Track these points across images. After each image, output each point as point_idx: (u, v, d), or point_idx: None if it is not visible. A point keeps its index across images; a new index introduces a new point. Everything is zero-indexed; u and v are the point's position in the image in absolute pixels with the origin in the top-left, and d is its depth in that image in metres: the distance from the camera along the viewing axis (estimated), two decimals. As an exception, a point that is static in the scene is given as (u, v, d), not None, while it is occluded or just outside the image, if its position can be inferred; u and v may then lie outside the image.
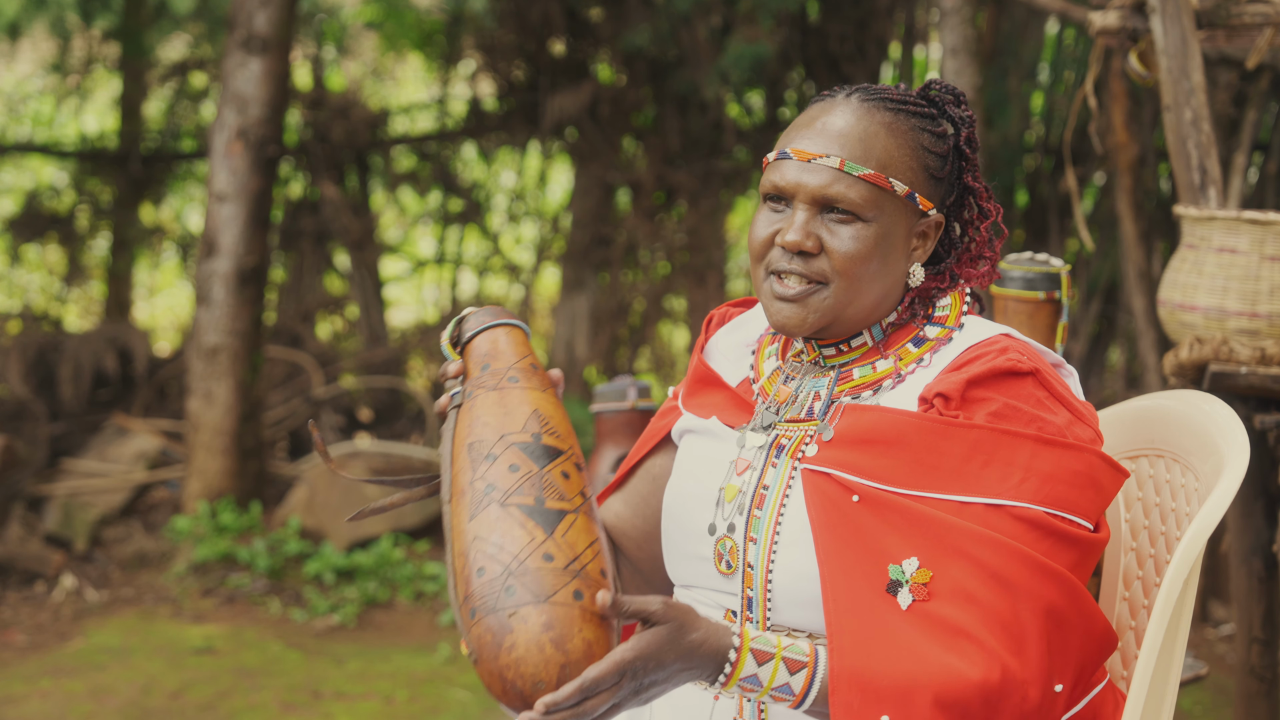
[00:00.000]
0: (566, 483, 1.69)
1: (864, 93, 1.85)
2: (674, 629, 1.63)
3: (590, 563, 1.65)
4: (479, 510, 1.66)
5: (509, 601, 1.60)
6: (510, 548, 1.63)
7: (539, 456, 1.70)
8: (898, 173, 1.81)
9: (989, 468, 1.73)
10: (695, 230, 6.83)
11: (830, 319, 1.83)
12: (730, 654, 1.66)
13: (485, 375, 1.77)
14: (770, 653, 1.68)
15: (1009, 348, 1.79)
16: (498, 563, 1.62)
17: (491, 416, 1.73)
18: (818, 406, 1.85)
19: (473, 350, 1.80)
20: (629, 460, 2.06)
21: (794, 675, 1.68)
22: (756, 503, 1.82)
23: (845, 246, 1.79)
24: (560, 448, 1.72)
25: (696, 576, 1.89)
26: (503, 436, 1.71)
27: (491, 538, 1.64)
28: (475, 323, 1.82)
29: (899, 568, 1.71)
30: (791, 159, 1.82)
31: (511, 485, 1.67)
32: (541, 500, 1.66)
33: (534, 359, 1.80)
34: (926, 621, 1.68)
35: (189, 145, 7.42)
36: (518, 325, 1.82)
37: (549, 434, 1.72)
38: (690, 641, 1.64)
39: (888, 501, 1.73)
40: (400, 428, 6.64)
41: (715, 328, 2.07)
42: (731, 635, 1.67)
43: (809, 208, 1.81)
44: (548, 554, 1.63)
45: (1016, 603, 1.68)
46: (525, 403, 1.74)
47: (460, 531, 1.67)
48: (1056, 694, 1.71)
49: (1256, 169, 5.44)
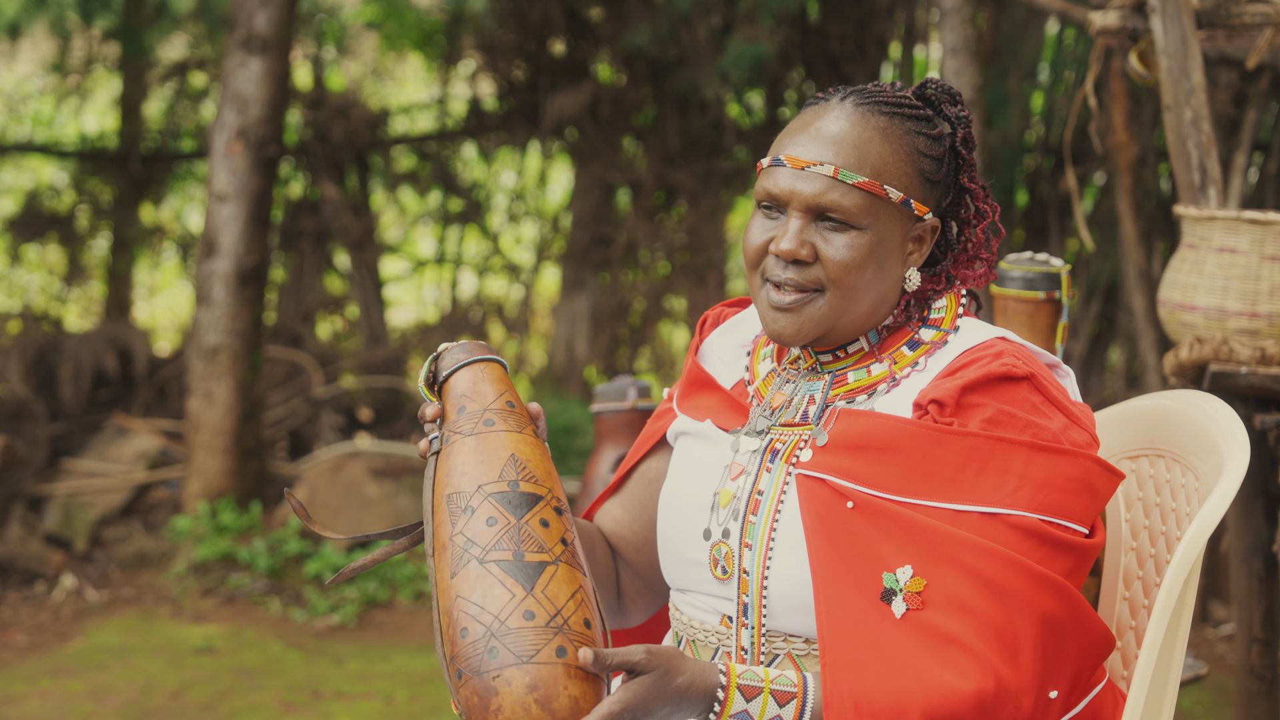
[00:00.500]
0: (545, 531, 1.69)
1: (858, 96, 1.83)
2: (659, 676, 1.63)
3: (573, 615, 1.64)
4: (459, 567, 1.66)
5: (492, 664, 1.60)
6: (491, 607, 1.63)
7: (516, 506, 1.69)
8: (892, 179, 1.79)
9: (983, 475, 1.72)
10: (695, 230, 6.83)
11: (826, 328, 1.82)
12: (718, 693, 1.66)
13: (462, 419, 1.75)
14: (758, 687, 1.68)
15: (1004, 352, 1.78)
16: (480, 623, 1.62)
17: (468, 465, 1.72)
18: (812, 410, 1.84)
19: (449, 391, 1.79)
20: (625, 464, 2.05)
21: (784, 707, 1.68)
22: (751, 508, 1.82)
23: (840, 255, 1.78)
24: (539, 493, 1.71)
25: (692, 581, 1.89)
26: (480, 487, 1.70)
27: (472, 597, 1.64)
28: (450, 361, 1.80)
29: (893, 576, 1.70)
30: (785, 166, 1.80)
31: (490, 540, 1.66)
32: (520, 554, 1.66)
33: (511, 395, 1.79)
34: (920, 630, 1.68)
35: (189, 145, 7.43)
36: (494, 360, 1.81)
37: (526, 480, 1.71)
38: (677, 686, 1.64)
39: (882, 509, 1.73)
40: (400, 427, 6.64)
41: (710, 329, 2.05)
42: (718, 674, 1.67)
43: (803, 216, 1.79)
44: (528, 611, 1.62)
45: (1011, 611, 1.68)
46: (502, 448, 1.73)
47: (444, 589, 1.67)
48: (1051, 700, 1.70)
49: (1256, 169, 5.44)
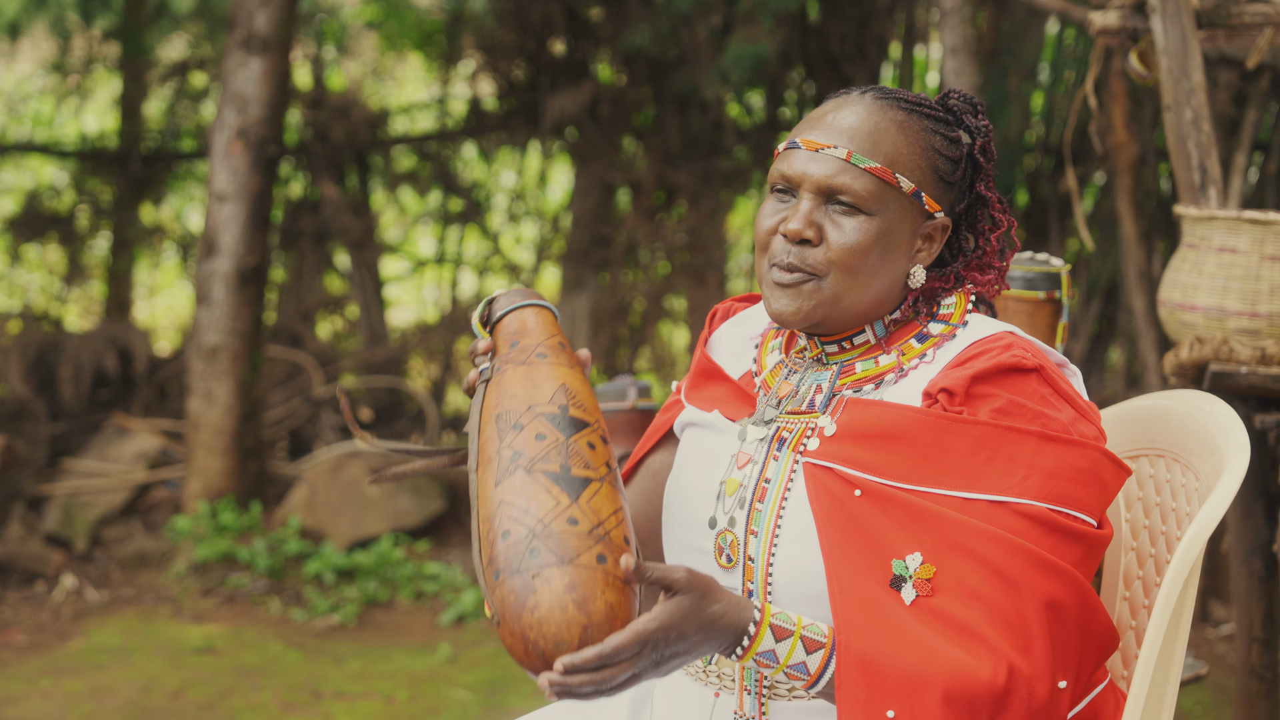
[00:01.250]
0: (592, 453, 1.71)
1: (879, 91, 1.86)
2: (696, 599, 1.64)
3: (614, 529, 1.66)
4: (505, 476, 1.68)
5: (533, 563, 1.61)
6: (535, 511, 1.64)
7: (565, 427, 1.71)
8: (905, 170, 1.81)
9: (993, 464, 1.73)
10: (695, 230, 6.83)
11: (827, 311, 1.82)
12: (750, 627, 1.67)
13: (514, 351, 1.79)
14: (790, 629, 1.69)
15: (1013, 344, 1.79)
16: (523, 526, 1.64)
17: (519, 389, 1.75)
18: (819, 399, 1.85)
19: (502, 329, 1.83)
20: (633, 457, 2.06)
21: (811, 655, 1.69)
22: (758, 496, 1.83)
23: (846, 238, 1.79)
24: (587, 420, 1.74)
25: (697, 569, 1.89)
26: (530, 407, 1.73)
27: (517, 502, 1.65)
28: (505, 302, 1.85)
29: (902, 563, 1.71)
30: (800, 149, 1.82)
31: (538, 452, 1.69)
32: (567, 467, 1.68)
33: (562, 338, 1.83)
34: (931, 617, 1.68)
35: (189, 145, 7.43)
36: (547, 306, 1.85)
37: (576, 407, 1.74)
38: (711, 613, 1.65)
39: (890, 496, 1.73)
40: (400, 427, 6.64)
41: (719, 321, 2.07)
42: (753, 609, 1.68)
43: (814, 197, 1.81)
44: (572, 518, 1.64)
45: (1020, 599, 1.68)
46: (553, 377, 1.76)
47: (486, 497, 1.69)
48: (1061, 690, 1.71)
49: (1257, 169, 5.44)
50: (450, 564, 5.41)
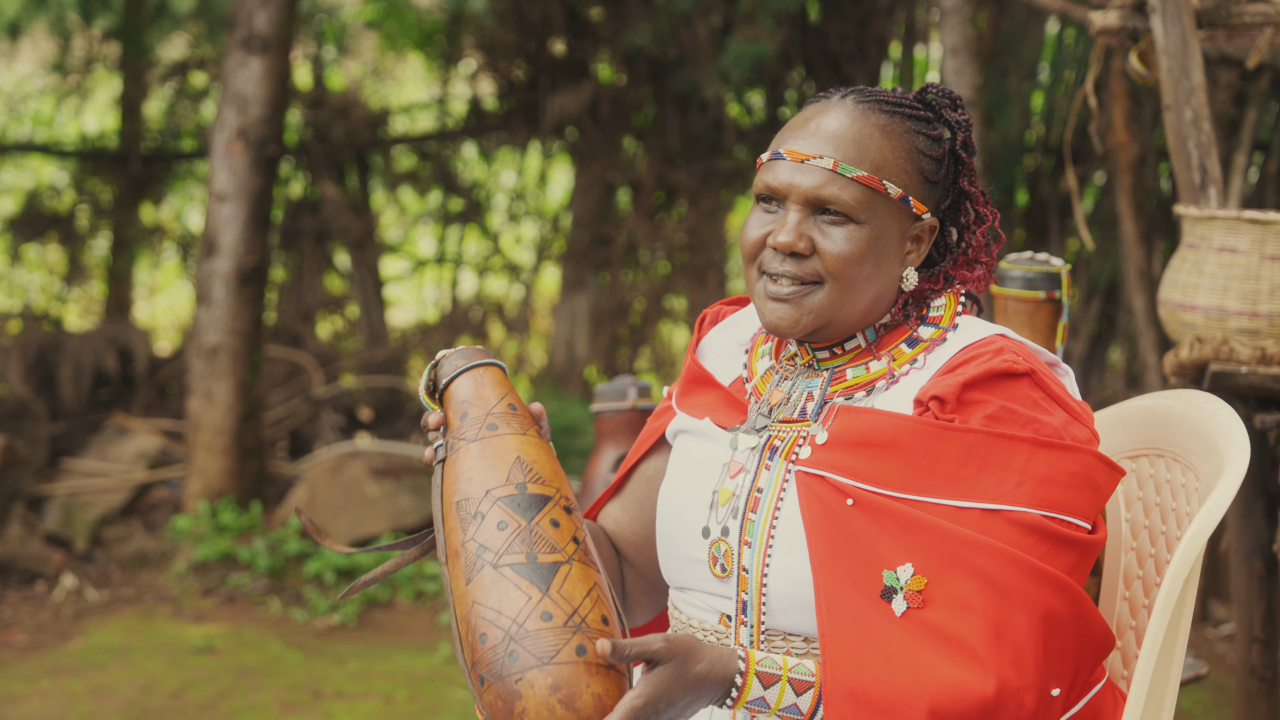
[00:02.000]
0: (557, 531, 1.69)
1: (859, 95, 1.84)
2: (678, 665, 1.64)
3: (590, 613, 1.65)
4: (474, 574, 1.67)
5: (514, 667, 1.61)
6: (508, 611, 1.63)
7: (526, 508, 1.69)
8: (892, 175, 1.79)
9: (985, 472, 1.72)
10: (695, 230, 6.83)
11: (823, 321, 1.82)
12: (736, 678, 1.67)
13: (465, 425, 1.76)
14: (776, 675, 1.68)
15: (1004, 348, 1.78)
16: (498, 628, 1.63)
17: (475, 471, 1.73)
18: (811, 407, 1.84)
19: (450, 397, 1.79)
20: (625, 464, 2.05)
21: (800, 696, 1.69)
22: (751, 506, 1.82)
23: (838, 248, 1.78)
24: (547, 494, 1.71)
25: (691, 579, 1.89)
26: (488, 492, 1.71)
27: (489, 602, 1.65)
28: (450, 367, 1.81)
29: (893, 574, 1.70)
30: (785, 159, 1.81)
31: (502, 544, 1.67)
32: (533, 556, 1.66)
33: (513, 398, 1.79)
34: (921, 629, 1.68)
35: (189, 145, 7.42)
36: (494, 364, 1.81)
37: (534, 481, 1.72)
38: (696, 674, 1.65)
39: (882, 506, 1.73)
40: (400, 427, 6.64)
41: (708, 326, 2.06)
42: (737, 660, 1.67)
43: (802, 209, 1.79)
44: (546, 613, 1.63)
45: (1013, 610, 1.67)
46: (507, 451, 1.73)
47: (460, 596, 1.68)
48: (1053, 698, 1.70)
49: (1257, 168, 5.44)
50: (450, 564, 5.41)
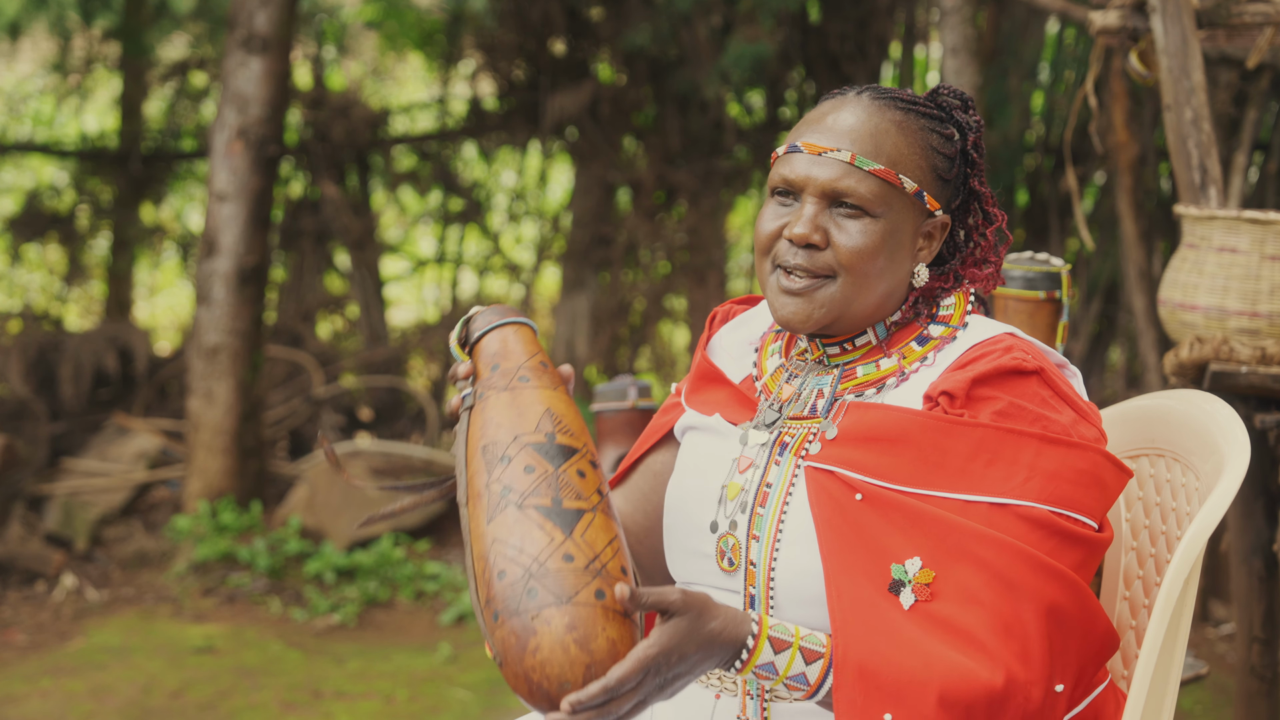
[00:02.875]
0: (582, 481, 1.69)
1: (875, 91, 1.85)
2: (693, 619, 1.63)
3: (610, 561, 1.65)
4: (497, 513, 1.66)
5: (531, 604, 1.61)
6: (530, 550, 1.63)
7: (554, 456, 1.69)
8: (907, 170, 1.81)
9: (993, 466, 1.72)
10: (695, 230, 6.83)
11: (835, 315, 1.82)
12: (748, 640, 1.67)
13: (495, 375, 1.76)
14: (788, 641, 1.68)
15: (1014, 346, 1.79)
16: (518, 565, 1.63)
17: (504, 417, 1.73)
18: (821, 404, 1.85)
19: (482, 350, 1.80)
20: (631, 455, 2.05)
21: (810, 665, 1.69)
22: (759, 500, 1.82)
23: (853, 241, 1.79)
24: (575, 446, 1.71)
25: (698, 573, 1.89)
26: (516, 437, 1.70)
27: (511, 540, 1.64)
28: (483, 322, 1.81)
29: (902, 567, 1.70)
30: (802, 152, 1.82)
31: (528, 486, 1.67)
32: (559, 500, 1.66)
33: (543, 356, 1.80)
34: (929, 622, 1.68)
35: (189, 145, 7.43)
36: (525, 323, 1.82)
37: (563, 433, 1.72)
38: (710, 630, 1.64)
39: (891, 500, 1.73)
40: (400, 427, 6.64)
41: (719, 324, 2.06)
42: (750, 622, 1.68)
43: (818, 201, 1.80)
44: (568, 554, 1.63)
45: (1019, 604, 1.68)
46: (537, 402, 1.74)
47: (479, 535, 1.67)
48: (1058, 694, 1.71)
49: (1257, 168, 5.44)
50: (450, 564, 5.41)
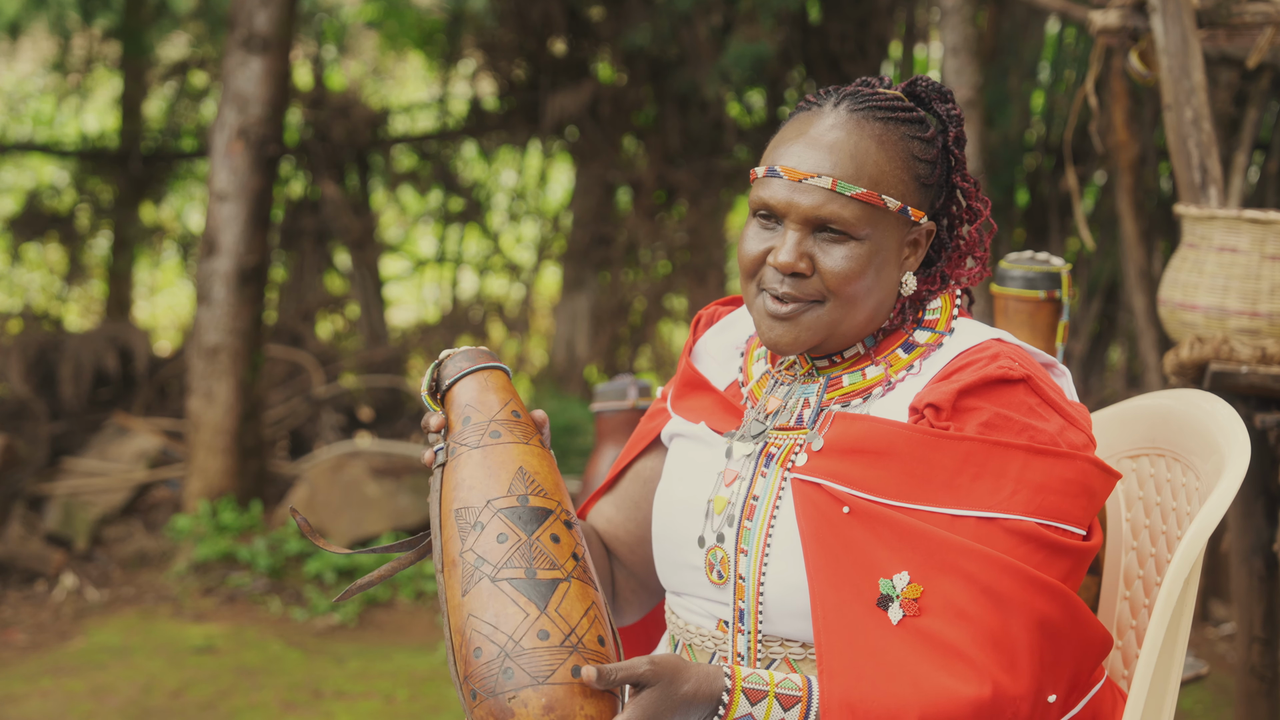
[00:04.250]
0: (557, 547, 1.67)
1: (851, 101, 1.81)
2: (665, 686, 1.63)
3: (587, 633, 1.63)
4: (471, 585, 1.64)
5: (508, 685, 1.59)
6: (505, 627, 1.61)
7: (527, 521, 1.67)
8: (890, 188, 1.78)
9: (980, 480, 1.71)
10: (696, 229, 6.83)
11: (823, 337, 1.81)
12: (723, 696, 1.66)
13: (467, 430, 1.73)
14: (763, 690, 1.67)
15: (1000, 354, 1.77)
16: (493, 643, 1.61)
17: (476, 479, 1.69)
18: (807, 414, 1.83)
19: (453, 400, 1.76)
20: (620, 461, 2.04)
21: (789, 711, 1.68)
22: (746, 513, 1.81)
23: (839, 266, 1.77)
24: (548, 507, 1.69)
25: (688, 585, 1.88)
26: (489, 502, 1.68)
27: (485, 616, 1.62)
28: (453, 369, 1.77)
29: (889, 582, 1.70)
30: (782, 178, 1.78)
31: (501, 557, 1.64)
32: (533, 571, 1.64)
33: (516, 404, 1.76)
34: (917, 637, 1.67)
35: (189, 144, 7.43)
36: (499, 367, 1.78)
37: (535, 494, 1.69)
38: (684, 694, 1.64)
39: (878, 514, 1.72)
40: (401, 427, 6.64)
41: (704, 328, 2.04)
42: (723, 677, 1.67)
43: (801, 228, 1.78)
44: (543, 631, 1.61)
45: (1008, 618, 1.67)
46: (510, 460, 1.70)
47: (455, 607, 1.66)
48: (1049, 704, 1.70)
49: (1257, 168, 5.44)
50: (451, 563, 5.41)
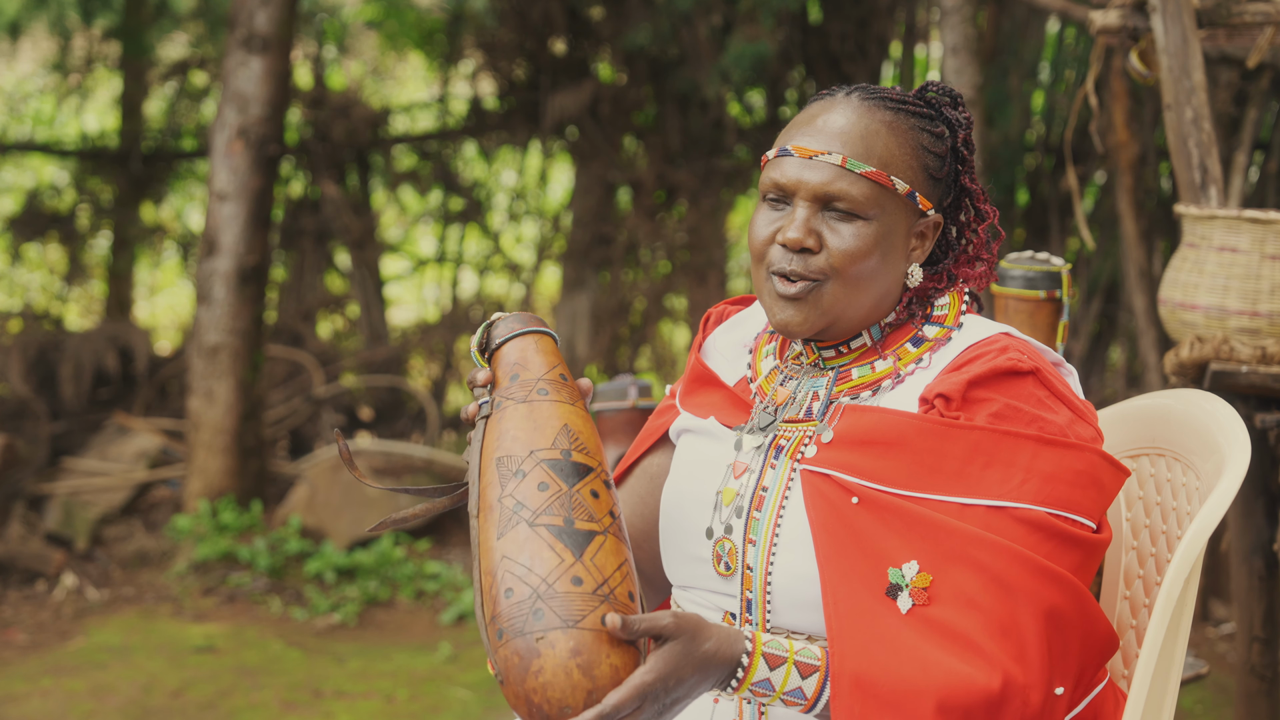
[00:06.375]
0: (596, 502, 1.68)
1: (864, 91, 1.84)
2: (687, 641, 1.63)
3: (618, 586, 1.64)
4: (508, 528, 1.65)
5: (537, 625, 1.60)
6: (539, 570, 1.62)
7: (568, 474, 1.68)
8: (899, 171, 1.80)
9: (990, 469, 1.72)
10: (696, 229, 6.83)
11: (831, 318, 1.82)
12: (743, 659, 1.66)
13: (514, 386, 1.74)
14: (783, 656, 1.68)
15: (1009, 346, 1.78)
16: (526, 585, 1.61)
17: (521, 430, 1.71)
18: (816, 407, 1.84)
19: (501, 358, 1.78)
20: (627, 458, 2.05)
21: (806, 679, 1.68)
22: (755, 504, 1.81)
23: (846, 244, 1.78)
24: (590, 465, 1.70)
25: (695, 578, 1.89)
26: (532, 452, 1.69)
27: (520, 558, 1.63)
28: (504, 329, 1.79)
29: (899, 571, 1.70)
30: (793, 156, 1.81)
31: (541, 504, 1.65)
32: (571, 521, 1.65)
33: (563, 369, 1.78)
34: (927, 626, 1.68)
35: (190, 144, 7.43)
36: (547, 333, 1.80)
37: (579, 450, 1.70)
38: (704, 652, 1.64)
39: (887, 504, 1.72)
40: (401, 426, 6.64)
41: (713, 326, 2.06)
42: (743, 640, 1.67)
43: (810, 205, 1.79)
44: (576, 577, 1.62)
45: (1017, 607, 1.67)
46: (555, 417, 1.72)
47: (488, 549, 1.66)
48: (1058, 697, 1.70)
49: (1257, 168, 5.44)
50: (451, 563, 5.41)
